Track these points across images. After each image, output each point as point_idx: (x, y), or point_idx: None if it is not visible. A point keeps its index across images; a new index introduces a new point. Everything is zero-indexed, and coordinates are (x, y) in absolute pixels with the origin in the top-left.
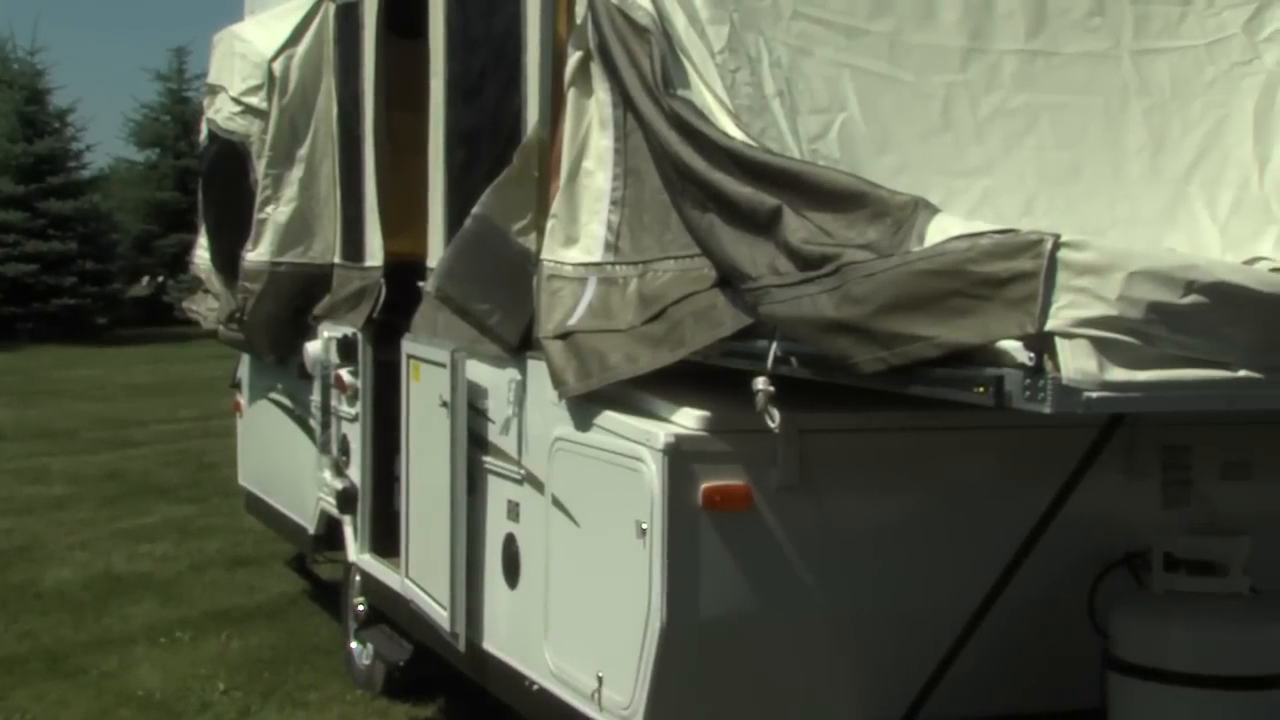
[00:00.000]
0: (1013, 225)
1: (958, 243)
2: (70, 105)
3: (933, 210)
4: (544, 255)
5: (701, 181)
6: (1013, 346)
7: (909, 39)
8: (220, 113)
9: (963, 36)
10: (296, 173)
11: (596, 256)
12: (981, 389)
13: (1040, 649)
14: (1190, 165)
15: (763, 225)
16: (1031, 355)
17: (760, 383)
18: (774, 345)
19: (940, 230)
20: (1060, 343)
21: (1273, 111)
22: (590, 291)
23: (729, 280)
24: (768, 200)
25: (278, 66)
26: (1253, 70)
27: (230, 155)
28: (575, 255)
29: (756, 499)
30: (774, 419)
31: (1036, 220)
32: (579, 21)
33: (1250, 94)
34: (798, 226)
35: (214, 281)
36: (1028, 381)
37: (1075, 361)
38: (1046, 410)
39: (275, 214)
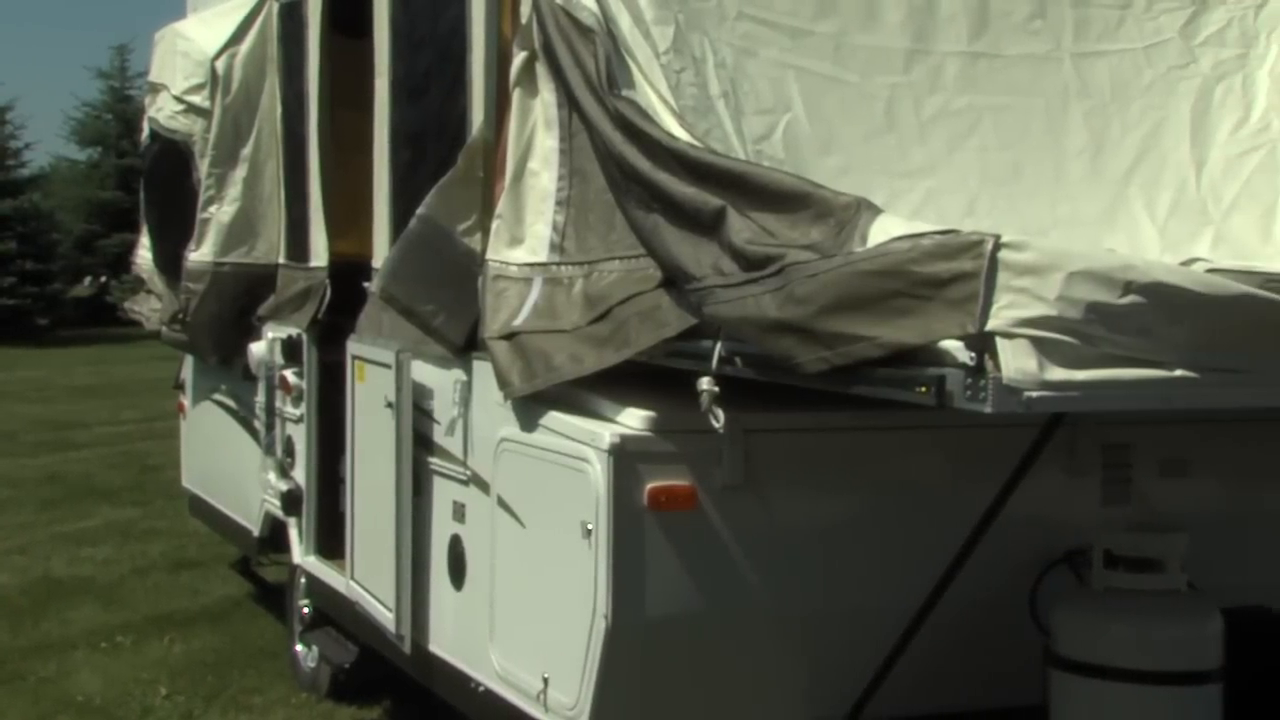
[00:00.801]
0: (955, 225)
1: (900, 243)
2: (8, 103)
3: (875, 211)
4: (489, 256)
5: (646, 182)
6: (954, 346)
7: (853, 40)
8: (162, 111)
9: (906, 38)
10: (240, 172)
11: (542, 257)
12: (924, 389)
13: (983, 646)
14: (1130, 167)
15: (707, 226)
16: (973, 355)
17: (705, 383)
18: (718, 345)
19: (883, 231)
20: (1001, 343)
21: (1208, 115)
22: (536, 292)
23: (674, 281)
24: (712, 200)
25: (220, 65)
26: (1189, 74)
27: (172, 154)
28: (521, 256)
29: (701, 499)
30: (718, 419)
31: (979, 220)
32: (524, 21)
33: (1187, 97)
34: (741, 227)
35: (156, 282)
36: (969, 381)
37: (1016, 361)
38: (987, 410)
39: (218, 214)
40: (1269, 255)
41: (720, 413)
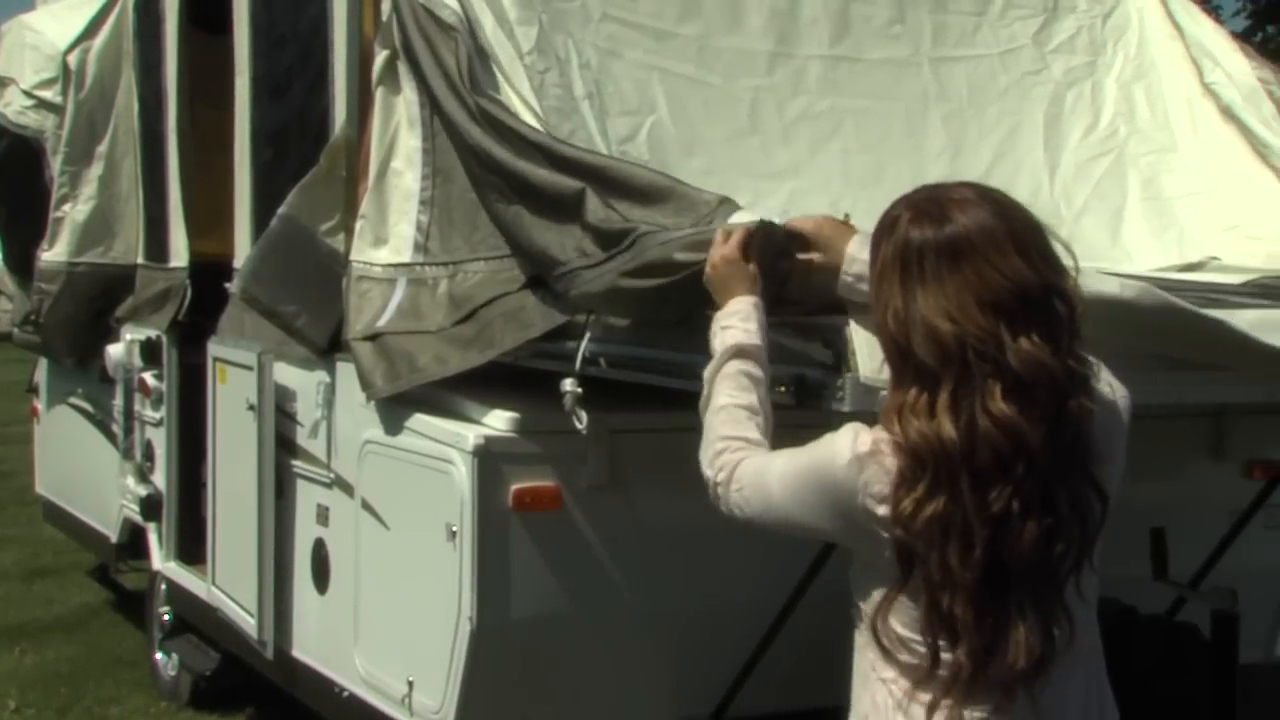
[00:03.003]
0: None
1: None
2: None
3: (735, 207)
4: (353, 256)
5: (506, 172)
6: (813, 345)
7: (717, 43)
8: (10, 106)
9: (769, 41)
10: (95, 170)
11: (406, 257)
12: (783, 388)
13: (847, 643)
14: (986, 169)
15: (569, 209)
16: (830, 354)
17: (568, 384)
18: (583, 346)
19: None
20: (857, 341)
21: (1060, 120)
22: (400, 292)
23: (540, 272)
24: (572, 183)
25: (73, 59)
26: (1042, 80)
27: (22, 151)
28: (384, 256)
29: (566, 499)
30: (581, 420)
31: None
32: (385, 19)
33: (1040, 102)
34: (597, 206)
35: (7, 282)
36: (827, 380)
37: (873, 360)
38: (845, 409)
39: (73, 213)
40: (1116, 257)
41: (583, 414)
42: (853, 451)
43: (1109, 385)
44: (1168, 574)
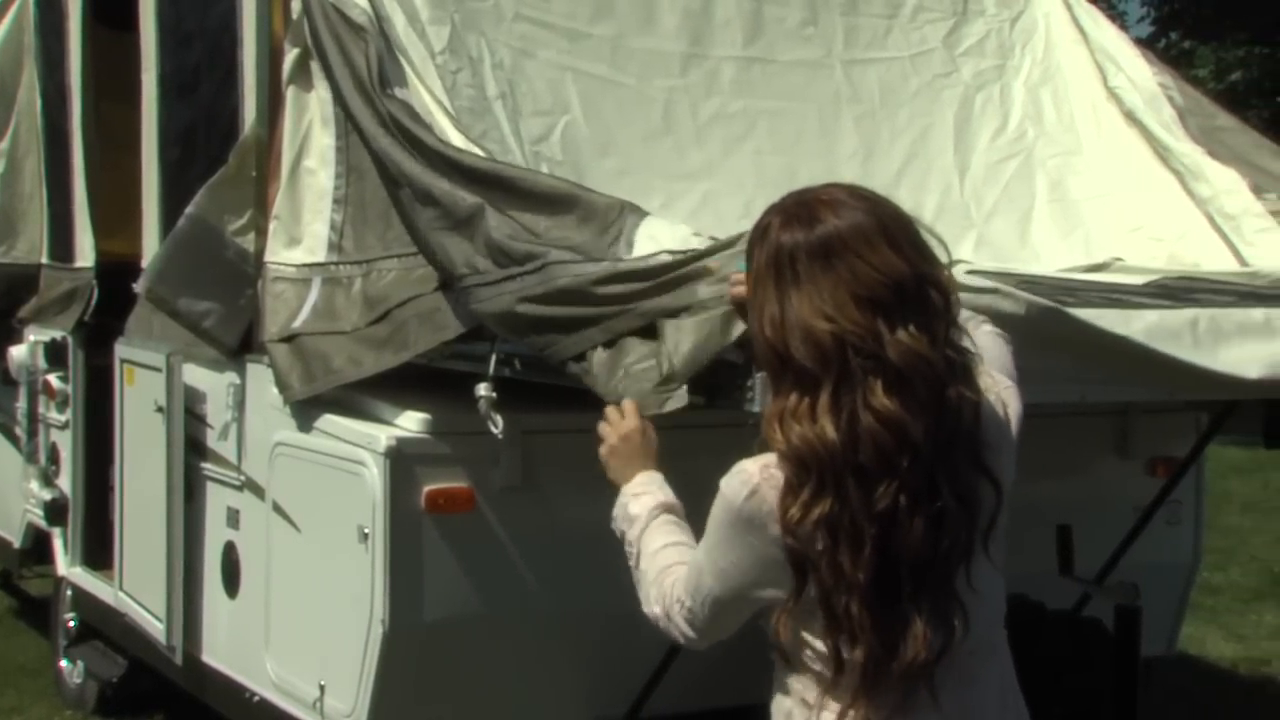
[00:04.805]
0: (732, 227)
1: (662, 257)
2: None
3: (641, 214)
4: (267, 258)
5: (410, 180)
6: (725, 346)
7: (630, 44)
8: None
9: (682, 42)
10: None
11: (320, 256)
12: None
13: (758, 641)
14: (898, 171)
15: (466, 223)
16: (741, 354)
17: (482, 389)
18: (494, 349)
19: (649, 236)
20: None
21: (970, 122)
22: (315, 293)
23: (447, 280)
24: (467, 198)
25: None
26: (952, 83)
27: None
28: (299, 256)
29: (480, 501)
30: (498, 425)
31: (755, 221)
32: (295, 17)
33: (950, 105)
34: (500, 223)
35: None
36: (737, 381)
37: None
38: (755, 409)
39: None
40: (1025, 258)
41: (499, 419)
42: (745, 488)
43: (990, 376)
44: (1073, 570)
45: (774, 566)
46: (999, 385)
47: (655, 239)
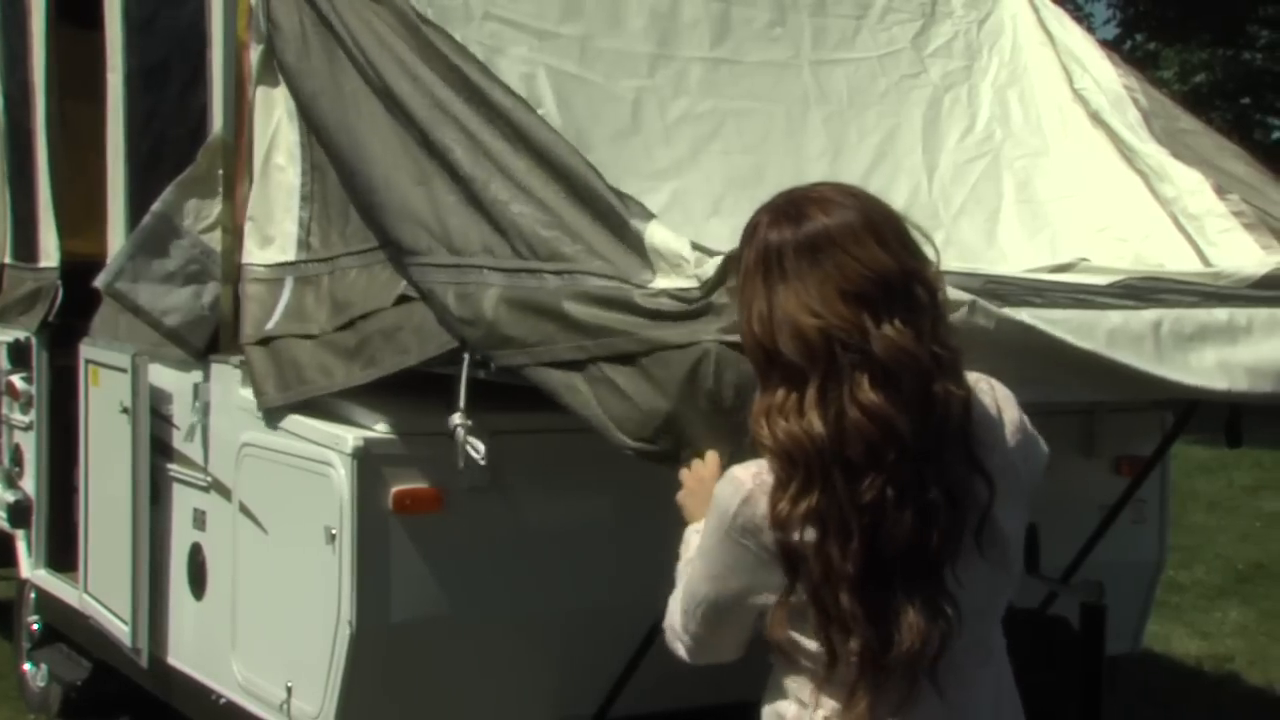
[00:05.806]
0: (700, 226)
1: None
2: None
3: (647, 216)
4: (244, 258)
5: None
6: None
7: (599, 44)
8: None
9: (650, 43)
10: None
11: (291, 255)
12: None
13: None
14: (866, 170)
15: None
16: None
17: (457, 419)
18: (464, 371)
19: (654, 249)
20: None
21: (938, 123)
22: (287, 292)
23: (396, 256)
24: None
25: None
26: (920, 83)
27: None
28: (271, 255)
29: (447, 502)
30: (479, 451)
31: (724, 220)
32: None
33: (918, 105)
34: (524, 210)
35: None
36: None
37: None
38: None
39: None
40: (992, 258)
41: (481, 446)
42: (738, 494)
43: (979, 376)
44: (1039, 568)
45: (766, 570)
46: (992, 384)
47: (659, 251)
